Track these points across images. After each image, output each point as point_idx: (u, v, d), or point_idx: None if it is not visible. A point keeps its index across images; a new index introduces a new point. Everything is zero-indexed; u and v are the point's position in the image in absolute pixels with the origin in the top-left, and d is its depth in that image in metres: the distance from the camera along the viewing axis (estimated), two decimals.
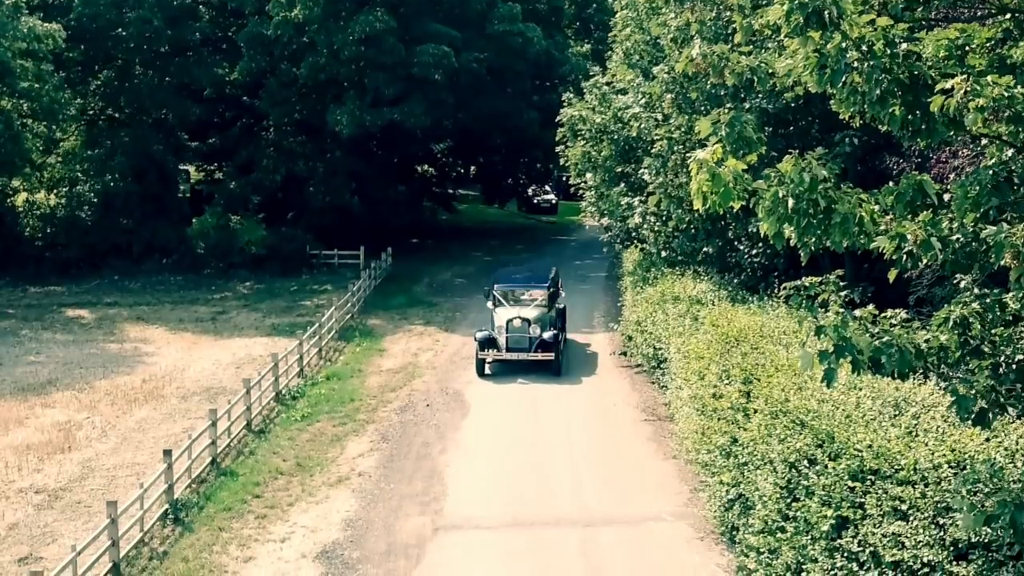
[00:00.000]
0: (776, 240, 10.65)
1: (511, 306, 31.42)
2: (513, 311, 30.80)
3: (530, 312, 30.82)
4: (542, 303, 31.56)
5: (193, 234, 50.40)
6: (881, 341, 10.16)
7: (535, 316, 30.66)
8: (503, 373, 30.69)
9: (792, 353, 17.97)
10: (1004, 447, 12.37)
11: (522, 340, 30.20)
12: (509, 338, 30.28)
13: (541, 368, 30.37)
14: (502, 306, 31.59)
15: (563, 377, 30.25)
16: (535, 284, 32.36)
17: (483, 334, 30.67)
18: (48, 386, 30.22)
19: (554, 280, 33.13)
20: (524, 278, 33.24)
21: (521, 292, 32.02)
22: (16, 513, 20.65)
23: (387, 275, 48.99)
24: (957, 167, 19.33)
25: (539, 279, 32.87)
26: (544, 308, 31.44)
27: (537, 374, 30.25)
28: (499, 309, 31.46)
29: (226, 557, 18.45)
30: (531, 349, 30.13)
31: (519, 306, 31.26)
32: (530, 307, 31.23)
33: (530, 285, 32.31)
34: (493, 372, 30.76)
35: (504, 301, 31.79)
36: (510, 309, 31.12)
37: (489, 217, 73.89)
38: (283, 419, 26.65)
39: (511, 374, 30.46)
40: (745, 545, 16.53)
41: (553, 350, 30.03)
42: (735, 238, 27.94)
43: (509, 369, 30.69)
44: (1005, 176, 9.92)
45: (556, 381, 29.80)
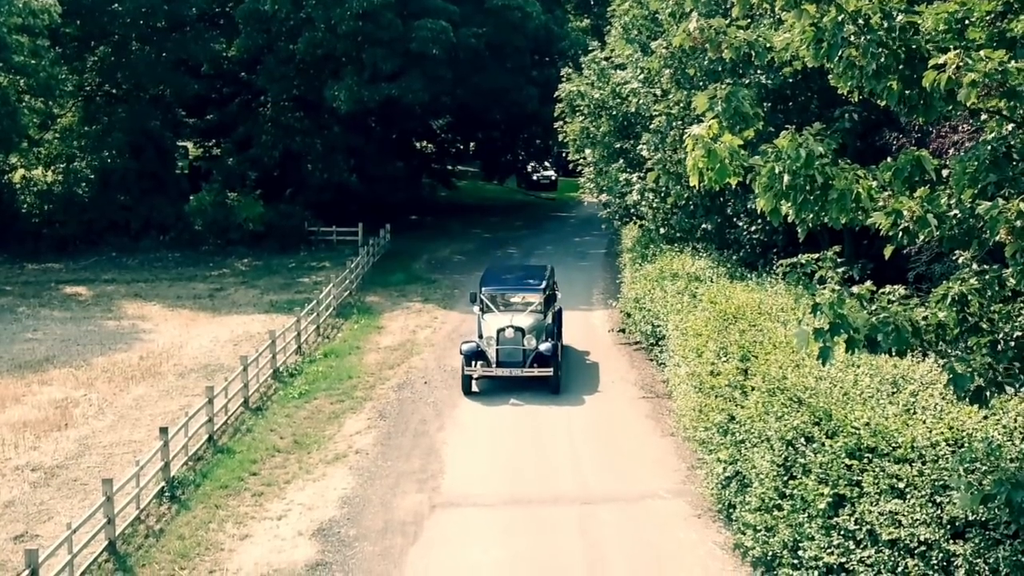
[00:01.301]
0: (772, 216, 10.54)
1: (501, 312, 27.62)
2: (504, 318, 26.99)
3: (524, 320, 26.96)
4: (537, 308, 27.66)
5: (191, 211, 50.24)
6: (878, 318, 10.06)
7: (530, 324, 26.84)
8: (493, 391, 26.55)
9: (790, 330, 17.90)
10: (1002, 425, 12.30)
11: (515, 353, 26.29)
12: (500, 351, 26.34)
13: (537, 385, 26.44)
14: (491, 312, 27.67)
15: (563, 396, 26.12)
16: (529, 286, 28.51)
17: (469, 346, 26.66)
18: (45, 363, 30.16)
19: (550, 281, 29.55)
20: (516, 279, 29.49)
21: (513, 296, 28.22)
22: (12, 491, 20.62)
23: (385, 252, 48.88)
24: (957, 142, 19.18)
25: (533, 280, 29.10)
26: (539, 314, 27.56)
27: (532, 392, 26.24)
28: (488, 316, 27.58)
29: (222, 535, 18.42)
30: (526, 364, 26.21)
31: (511, 312, 27.51)
32: (524, 313, 27.39)
33: (523, 288, 28.48)
34: (482, 390, 26.63)
35: (493, 306, 27.83)
36: (500, 316, 27.29)
37: (488, 194, 73.71)
38: (280, 396, 26.60)
39: (502, 392, 26.34)
40: (742, 523, 16.50)
41: (551, 365, 26.18)
42: (734, 215, 27.81)
43: (500, 386, 26.63)
44: (1004, 151, 9.80)
45: (555, 402, 25.72)
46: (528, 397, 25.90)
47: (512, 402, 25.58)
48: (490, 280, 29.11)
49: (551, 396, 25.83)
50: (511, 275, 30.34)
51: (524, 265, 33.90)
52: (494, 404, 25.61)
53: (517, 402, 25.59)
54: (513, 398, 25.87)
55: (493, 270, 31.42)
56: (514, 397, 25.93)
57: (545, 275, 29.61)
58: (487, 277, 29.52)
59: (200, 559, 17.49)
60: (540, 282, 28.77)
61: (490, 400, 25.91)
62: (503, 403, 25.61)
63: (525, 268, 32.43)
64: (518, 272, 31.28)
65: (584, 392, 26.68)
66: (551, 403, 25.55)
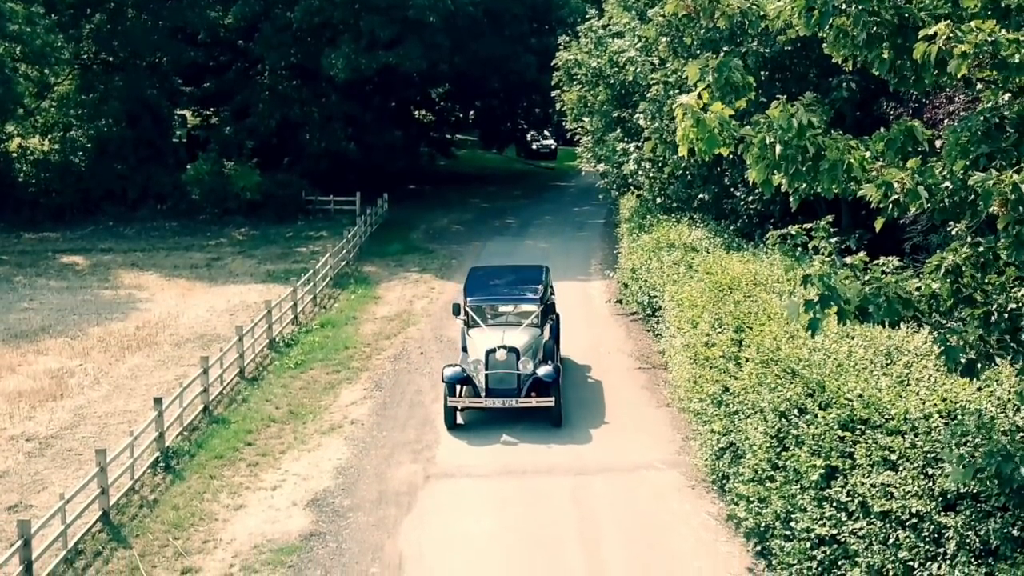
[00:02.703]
0: (765, 187, 10.45)
1: (490, 327, 22.95)
2: (494, 336, 22.25)
3: (518, 337, 22.27)
4: (534, 322, 23.02)
5: (188, 180, 50.08)
6: (869, 289, 9.98)
7: (525, 343, 22.21)
8: (479, 424, 21.94)
9: (784, 302, 17.83)
10: (996, 397, 12.24)
11: (508, 379, 21.70)
12: (490, 376, 21.68)
13: (534, 416, 22.00)
14: (477, 327, 23.00)
15: (566, 429, 21.67)
16: (522, 294, 23.80)
17: (453, 371, 22.00)
18: (41, 333, 30.14)
19: (547, 285, 24.76)
20: (507, 285, 24.63)
21: (503, 306, 23.71)
22: (7, 461, 20.63)
23: (383, 221, 48.77)
24: (952, 112, 19.04)
25: (527, 286, 24.24)
26: (536, 329, 22.91)
27: (528, 423, 21.82)
28: (474, 332, 22.87)
29: (217, 505, 18.44)
30: (521, 392, 21.65)
31: (501, 327, 22.89)
32: (518, 329, 22.66)
33: (515, 296, 23.84)
34: (467, 422, 22.11)
35: (480, 320, 23.17)
36: (489, 333, 22.53)
37: (487, 163, 73.48)
38: (276, 367, 26.58)
39: (492, 426, 21.80)
40: (735, 494, 16.50)
41: (553, 393, 21.67)
42: (731, 184, 27.69)
43: (490, 418, 22.12)
44: (997, 122, 9.68)
45: (557, 437, 21.25)
46: (521, 433, 21.45)
47: (504, 439, 21.12)
48: (475, 287, 24.30)
49: (552, 432, 21.51)
50: (500, 280, 25.22)
51: (515, 267, 28.15)
52: (478, 442, 20.96)
53: (511, 439, 21.12)
54: (505, 434, 21.38)
55: (479, 274, 25.92)
56: (506, 433, 21.40)
57: (541, 279, 24.75)
58: (472, 283, 24.64)
59: (194, 529, 17.51)
60: (536, 288, 23.99)
61: (474, 437, 21.24)
62: (493, 440, 21.08)
63: (516, 270, 27.04)
64: (508, 276, 25.82)
65: (591, 415, 22.21)
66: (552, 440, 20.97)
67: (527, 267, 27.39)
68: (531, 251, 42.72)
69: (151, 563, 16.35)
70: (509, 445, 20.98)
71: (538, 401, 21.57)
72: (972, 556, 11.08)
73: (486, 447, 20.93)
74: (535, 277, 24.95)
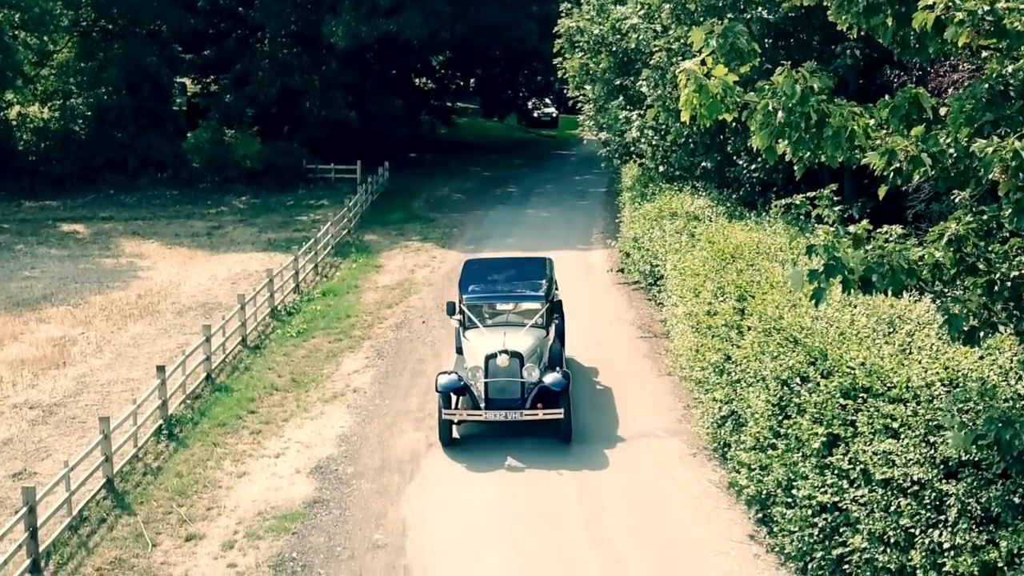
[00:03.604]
0: (768, 154, 10.42)
1: (489, 328, 20.65)
2: (494, 338, 19.89)
3: (521, 340, 19.91)
4: (539, 322, 20.67)
5: (188, 148, 49.96)
6: (873, 258, 9.97)
7: (529, 346, 19.88)
8: (479, 439, 19.50)
9: (787, 270, 17.82)
10: (998, 365, 12.25)
11: (511, 388, 19.28)
12: (491, 386, 19.28)
13: (540, 430, 19.50)
14: (475, 328, 20.69)
15: (577, 444, 19.21)
16: (525, 291, 21.33)
17: (448, 379, 19.52)
18: (43, 301, 30.17)
19: (551, 280, 22.18)
20: (507, 280, 22.10)
21: (503, 304, 21.41)
22: (10, 428, 20.70)
23: (384, 190, 48.66)
24: (957, 80, 18.95)
25: (530, 281, 21.71)
26: (541, 330, 20.65)
27: (535, 439, 19.34)
28: (472, 334, 20.55)
29: (220, 472, 18.51)
30: (526, 403, 19.19)
31: (502, 328, 20.54)
32: (521, 331, 20.28)
33: (517, 293, 21.39)
34: (464, 436, 19.69)
35: (478, 320, 20.83)
36: (488, 335, 20.21)
37: (488, 131, 73.21)
38: (278, 335, 26.60)
39: (494, 443, 19.25)
40: (736, 461, 16.55)
41: (562, 404, 19.17)
42: (734, 152, 27.58)
43: (490, 432, 19.70)
44: (1001, 90, 9.63)
45: (566, 457, 18.73)
46: (527, 453, 18.86)
47: (508, 463, 18.55)
48: (472, 282, 21.79)
49: (560, 448, 19.21)
50: (499, 274, 22.60)
51: (515, 259, 25.35)
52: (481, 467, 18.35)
53: (516, 462, 18.59)
54: (510, 454, 18.88)
55: (475, 267, 23.17)
56: (511, 452, 18.95)
57: (544, 273, 22.30)
58: (468, 278, 22.09)
59: (198, 496, 17.58)
60: (539, 284, 21.55)
61: (474, 456, 18.72)
62: (497, 464, 18.44)
63: (516, 263, 24.10)
64: (508, 270, 23.05)
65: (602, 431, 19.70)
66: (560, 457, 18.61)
67: (528, 259, 24.52)
68: (532, 220, 42.70)
69: (155, 530, 16.43)
70: (514, 472, 18.26)
71: (545, 413, 19.09)
72: (973, 523, 11.12)
73: (487, 473, 18.90)
74: (538, 271, 22.44)
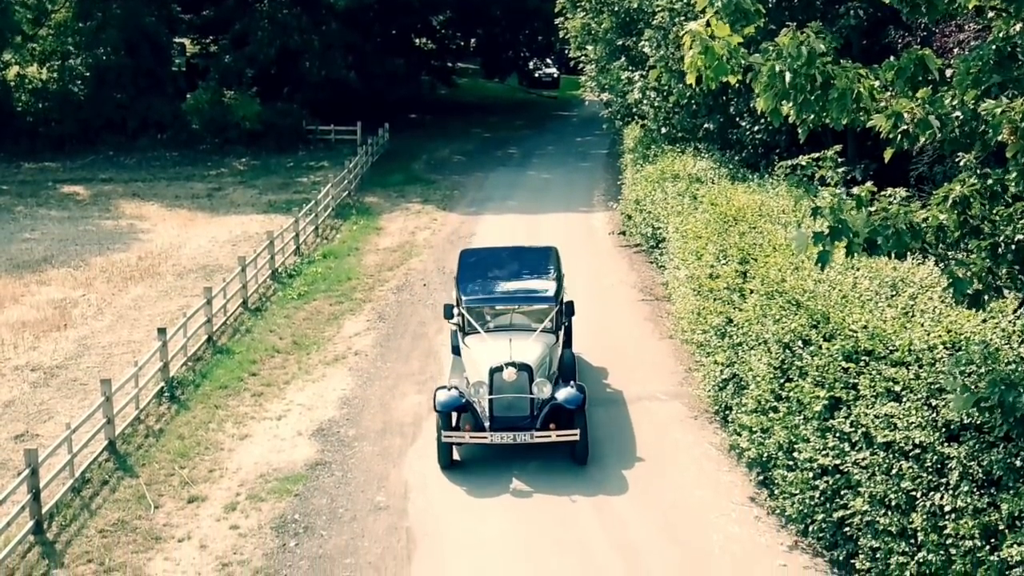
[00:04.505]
0: (773, 117, 10.33)
1: (492, 333, 18.13)
2: (498, 347, 17.32)
3: (529, 348, 17.45)
4: (548, 326, 18.18)
5: (188, 109, 49.69)
6: (877, 221, 9.91)
7: (538, 356, 17.40)
8: (481, 461, 17.11)
9: (790, 233, 17.74)
10: (1000, 328, 12.22)
11: (519, 405, 16.89)
12: (496, 403, 16.87)
13: (551, 450, 17.16)
14: (475, 334, 18.15)
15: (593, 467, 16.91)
16: (534, 291, 18.81)
17: (448, 396, 16.95)
18: (43, 263, 30.13)
19: (559, 275, 19.49)
20: (511, 275, 19.61)
21: (507, 307, 18.67)
22: (12, 390, 20.72)
23: (384, 152, 48.46)
24: (962, 41, 18.78)
25: (537, 278, 19.30)
26: (550, 335, 18.16)
27: (543, 460, 17.07)
28: (472, 341, 18.06)
29: (222, 435, 18.54)
30: (536, 423, 16.77)
31: (506, 333, 17.94)
32: (529, 338, 17.78)
33: (523, 293, 18.84)
34: (464, 458, 17.25)
35: (478, 325, 18.26)
36: (492, 343, 17.65)
37: (489, 92, 72.81)
38: (279, 297, 26.58)
39: (498, 464, 16.96)
40: (738, 424, 16.57)
41: (578, 423, 16.76)
42: (736, 114, 27.44)
43: (494, 454, 17.21)
44: (1009, 51, 9.53)
45: (581, 480, 16.52)
46: (533, 475, 16.65)
47: (514, 484, 16.42)
48: (471, 279, 19.32)
49: (575, 471, 16.86)
50: (501, 269, 20.06)
51: (516, 249, 22.06)
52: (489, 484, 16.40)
53: (522, 483, 16.44)
54: (516, 474, 16.72)
55: (471, 260, 20.43)
56: (516, 473, 16.76)
57: (552, 266, 19.70)
58: (465, 273, 19.61)
59: (200, 458, 17.62)
60: (547, 280, 19.08)
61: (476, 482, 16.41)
62: (502, 489, 16.22)
63: (519, 254, 21.10)
64: (510, 263, 20.38)
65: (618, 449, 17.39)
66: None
67: (532, 250, 21.63)
68: (534, 182, 42.56)
69: (157, 492, 16.47)
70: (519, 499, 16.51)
71: (558, 435, 16.65)
72: (974, 486, 11.14)
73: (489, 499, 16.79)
74: (545, 265, 19.81)
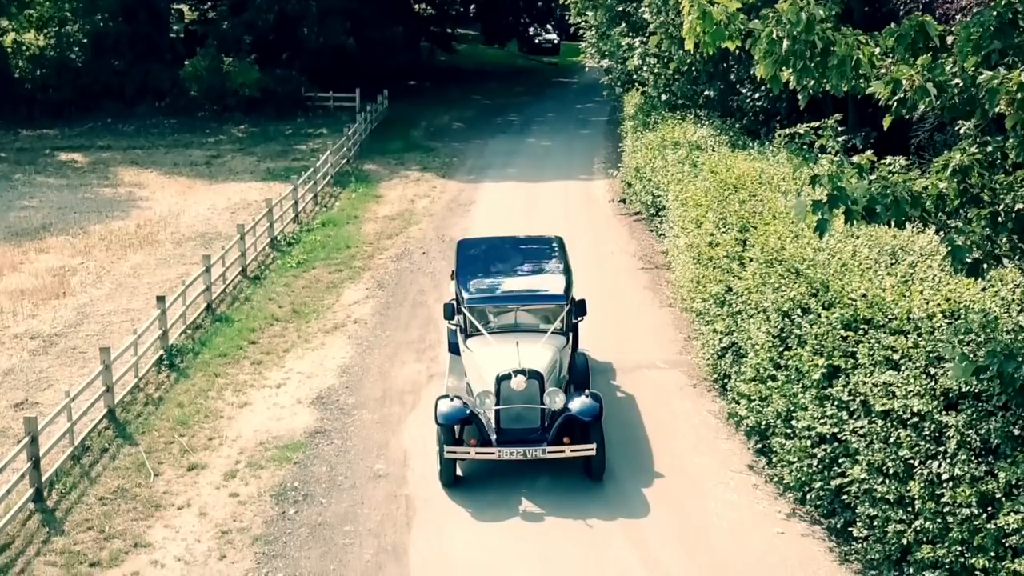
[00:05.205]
0: (773, 83, 10.27)
1: (496, 335, 16.34)
2: (505, 351, 15.73)
3: (539, 353, 15.80)
4: (559, 328, 16.46)
5: (186, 76, 49.41)
6: (877, 189, 9.87)
7: (550, 361, 15.78)
8: (485, 476, 15.62)
9: (790, 201, 17.70)
10: (1000, 297, 12.21)
11: (529, 416, 15.31)
12: (503, 415, 15.30)
13: (562, 465, 15.59)
14: (478, 336, 16.44)
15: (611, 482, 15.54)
16: (543, 288, 17.07)
17: (450, 407, 15.34)
18: (42, 231, 30.06)
19: (568, 269, 17.73)
20: (515, 269, 17.96)
21: (513, 307, 16.85)
22: (11, 358, 20.73)
23: (383, 119, 48.24)
24: (964, 7, 18.63)
25: (545, 272, 17.71)
26: (560, 336, 16.48)
27: (554, 475, 15.56)
28: (475, 344, 16.40)
29: (221, 402, 18.56)
30: (549, 436, 15.16)
31: (511, 334, 16.33)
32: (538, 341, 16.11)
33: (533, 293, 17.01)
34: (467, 474, 15.68)
35: (481, 327, 16.49)
36: (497, 346, 16.01)
37: (489, 58, 72.40)
38: (279, 266, 26.54)
39: (506, 481, 15.42)
40: (736, 392, 16.60)
41: (594, 437, 15.16)
42: (737, 81, 27.30)
43: (500, 470, 15.60)
44: (1010, 18, 9.45)
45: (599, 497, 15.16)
46: (543, 495, 15.16)
47: (523, 506, 14.92)
48: (472, 274, 17.53)
49: (589, 486, 15.42)
50: (504, 263, 18.21)
51: (518, 239, 20.13)
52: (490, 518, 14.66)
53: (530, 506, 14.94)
54: (524, 493, 15.22)
55: (471, 253, 18.67)
56: (525, 491, 15.25)
57: (560, 259, 18.03)
58: (465, 267, 17.82)
59: (199, 426, 17.66)
60: (557, 276, 17.40)
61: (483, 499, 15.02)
62: (509, 513, 14.73)
63: (522, 245, 19.38)
64: (513, 256, 18.59)
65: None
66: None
67: (536, 240, 19.78)
68: (534, 149, 42.41)
69: (157, 459, 16.52)
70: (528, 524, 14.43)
71: (573, 450, 15.10)
72: (972, 455, 11.16)
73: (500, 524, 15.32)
74: (550, 256, 18.20)
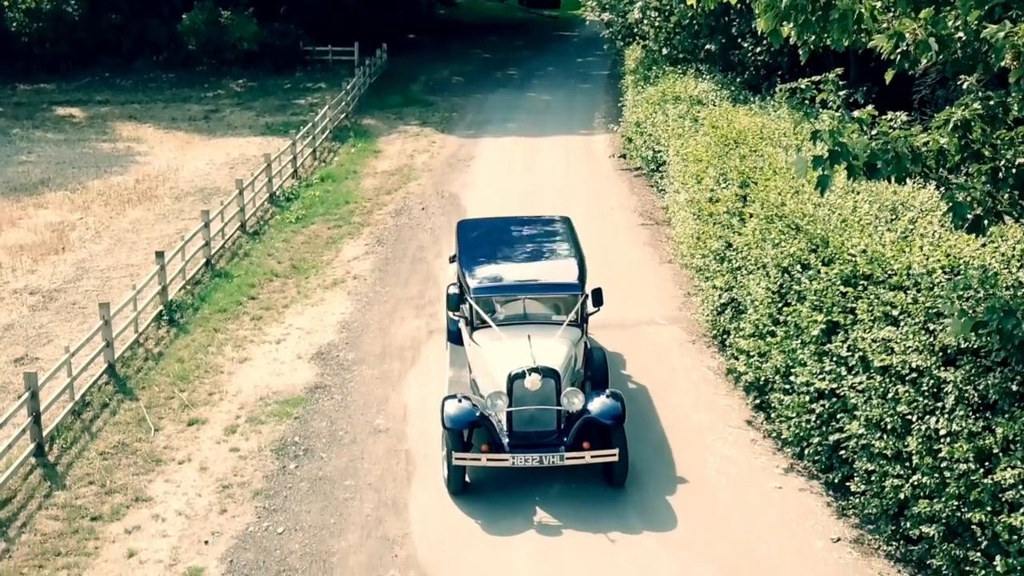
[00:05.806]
0: (773, 38, 10.18)
1: (505, 327, 14.96)
2: (517, 347, 14.39)
3: (554, 349, 14.42)
4: (575, 319, 15.12)
5: (184, 30, 49.04)
6: (878, 144, 9.81)
7: (566, 356, 14.43)
8: (495, 485, 14.27)
9: (791, 156, 17.62)
10: (1000, 253, 12.18)
11: (545, 418, 13.94)
12: (516, 418, 13.92)
13: (580, 473, 14.20)
14: (486, 330, 15.05)
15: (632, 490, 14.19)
16: (557, 277, 15.70)
17: (458, 408, 13.91)
18: (40, 186, 29.97)
19: (579, 254, 16.37)
20: (524, 256, 16.65)
21: (523, 296, 15.37)
22: (11, 314, 20.75)
23: (382, 73, 47.94)
24: None
25: (557, 257, 16.55)
26: (575, 328, 15.12)
27: (567, 482, 14.24)
28: (483, 337, 14.99)
29: (221, 358, 18.60)
30: (567, 441, 13.76)
31: (521, 326, 14.95)
32: (553, 335, 14.73)
33: (543, 284, 15.55)
34: (475, 482, 14.25)
35: (488, 318, 15.11)
36: (507, 340, 14.65)
37: (488, 11, 71.88)
38: (277, 221, 26.49)
39: (518, 491, 14.09)
40: (735, 348, 16.62)
41: (616, 442, 13.77)
42: (738, 35, 27.12)
43: (511, 479, 14.29)
44: None
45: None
46: (558, 505, 13.82)
47: (539, 518, 13.54)
48: (476, 261, 16.20)
49: (612, 495, 14.07)
50: (511, 247, 16.87)
51: (524, 220, 18.69)
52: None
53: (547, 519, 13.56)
54: (539, 503, 13.84)
55: (473, 235, 17.31)
56: (539, 500, 13.93)
57: (572, 242, 16.78)
58: (468, 251, 16.56)
59: (199, 382, 17.70)
60: (570, 261, 16.12)
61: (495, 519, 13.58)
62: (522, 527, 13.40)
63: (527, 226, 18.01)
64: (521, 240, 17.29)
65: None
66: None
67: (543, 220, 18.45)
68: (534, 104, 42.18)
69: (157, 415, 16.58)
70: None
71: (593, 455, 13.73)
72: (970, 410, 11.17)
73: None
74: (560, 239, 16.98)
